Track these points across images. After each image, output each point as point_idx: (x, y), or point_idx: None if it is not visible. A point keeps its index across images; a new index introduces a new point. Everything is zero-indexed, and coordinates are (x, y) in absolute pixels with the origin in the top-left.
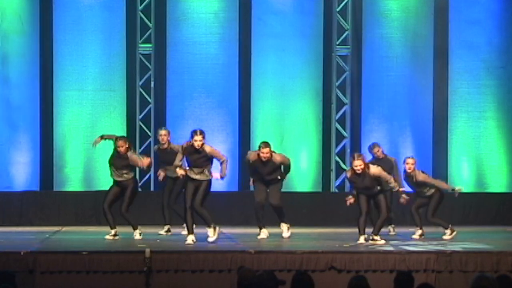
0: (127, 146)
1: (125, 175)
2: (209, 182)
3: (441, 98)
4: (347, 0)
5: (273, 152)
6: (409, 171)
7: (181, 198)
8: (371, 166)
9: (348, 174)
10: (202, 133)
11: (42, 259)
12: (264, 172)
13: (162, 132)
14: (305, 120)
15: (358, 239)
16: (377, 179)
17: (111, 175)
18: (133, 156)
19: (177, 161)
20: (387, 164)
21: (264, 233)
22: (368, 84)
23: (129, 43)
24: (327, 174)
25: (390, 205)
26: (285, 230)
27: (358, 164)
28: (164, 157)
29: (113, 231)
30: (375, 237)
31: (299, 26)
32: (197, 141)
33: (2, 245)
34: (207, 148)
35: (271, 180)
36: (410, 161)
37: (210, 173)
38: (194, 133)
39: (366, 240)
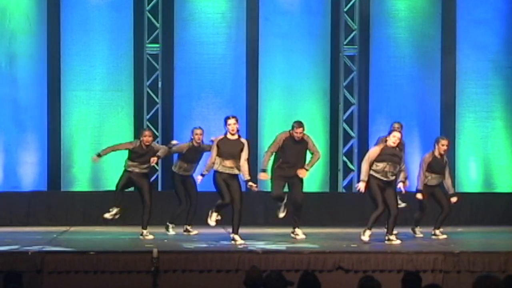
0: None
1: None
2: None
3: (449, 98)
4: (354, 0)
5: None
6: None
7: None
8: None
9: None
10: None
11: (50, 259)
12: (294, 153)
13: (198, 131)
14: (313, 120)
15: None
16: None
17: (130, 168)
18: (157, 145)
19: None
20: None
21: (300, 232)
22: (376, 84)
23: (137, 43)
24: (335, 174)
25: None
26: (300, 233)
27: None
28: (194, 156)
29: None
30: (391, 237)
31: (307, 26)
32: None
33: (9, 245)
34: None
35: (295, 168)
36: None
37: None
38: (228, 119)
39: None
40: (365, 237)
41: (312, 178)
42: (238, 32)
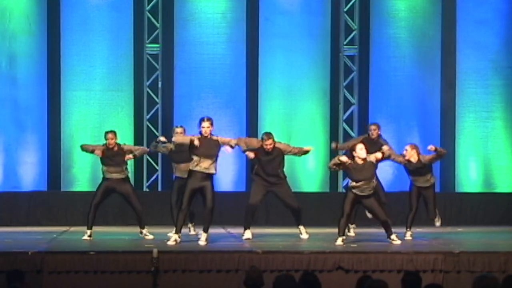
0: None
1: (126, 170)
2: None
3: (449, 98)
4: (354, 0)
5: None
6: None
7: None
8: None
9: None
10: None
11: (50, 259)
12: (267, 163)
13: (179, 129)
14: (313, 120)
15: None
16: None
17: (107, 173)
18: (127, 145)
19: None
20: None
21: (248, 233)
22: (376, 84)
23: (137, 43)
24: (335, 174)
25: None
26: (304, 232)
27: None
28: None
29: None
30: (392, 237)
31: (307, 26)
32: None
33: (10, 245)
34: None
35: (273, 176)
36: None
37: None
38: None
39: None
40: (338, 242)
41: (312, 178)
42: (238, 32)
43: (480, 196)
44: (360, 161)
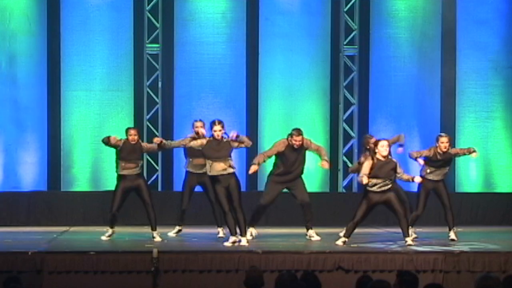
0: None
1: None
2: None
3: (449, 98)
4: (354, 0)
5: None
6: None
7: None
8: None
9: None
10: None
11: (50, 259)
12: (294, 160)
13: (217, 127)
14: (313, 120)
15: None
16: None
17: (123, 169)
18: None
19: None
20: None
21: (251, 232)
22: (376, 84)
23: (137, 43)
24: (335, 174)
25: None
26: (314, 234)
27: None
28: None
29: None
30: (407, 239)
31: (307, 26)
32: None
33: (9, 245)
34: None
35: (294, 174)
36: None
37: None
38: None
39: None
40: (339, 242)
41: (312, 178)
42: (238, 32)
43: (480, 196)
44: (382, 158)
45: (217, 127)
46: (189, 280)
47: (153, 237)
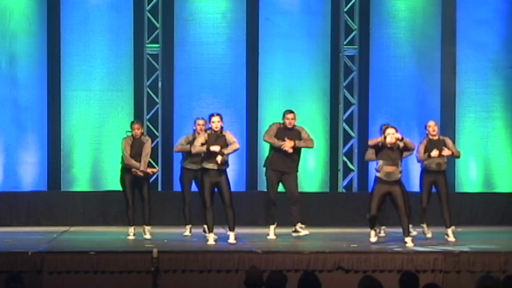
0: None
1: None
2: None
3: (449, 98)
4: (354, 0)
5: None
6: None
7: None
8: None
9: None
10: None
11: (50, 259)
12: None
13: (216, 118)
14: (313, 120)
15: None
16: None
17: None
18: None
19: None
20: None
21: (272, 231)
22: (376, 84)
23: (137, 43)
24: (335, 174)
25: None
26: (302, 227)
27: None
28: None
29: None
30: (406, 239)
31: (307, 26)
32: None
33: (10, 245)
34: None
35: (288, 160)
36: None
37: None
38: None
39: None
40: (372, 238)
41: (312, 178)
42: (238, 32)
43: (480, 196)
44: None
45: (215, 118)
46: (189, 280)
47: (144, 233)
